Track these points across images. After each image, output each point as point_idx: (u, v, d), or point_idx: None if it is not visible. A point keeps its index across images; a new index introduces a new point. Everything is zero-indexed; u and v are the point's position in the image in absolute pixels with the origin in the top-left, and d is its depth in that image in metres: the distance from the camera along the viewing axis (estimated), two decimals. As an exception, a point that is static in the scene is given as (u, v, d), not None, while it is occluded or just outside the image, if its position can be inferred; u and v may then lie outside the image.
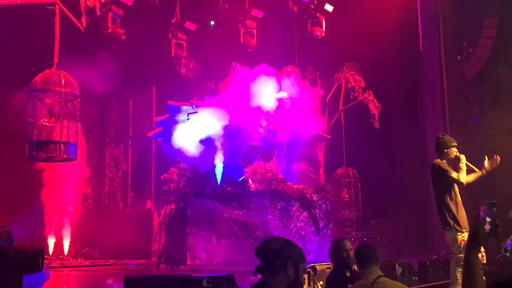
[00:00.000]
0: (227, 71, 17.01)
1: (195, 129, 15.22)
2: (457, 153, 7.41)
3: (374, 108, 18.19)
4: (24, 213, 15.71)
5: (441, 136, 7.78)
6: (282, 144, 16.58)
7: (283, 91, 16.52)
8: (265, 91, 16.09)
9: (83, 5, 14.36)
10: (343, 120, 18.74)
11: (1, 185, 16.54)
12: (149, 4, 16.34)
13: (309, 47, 18.13)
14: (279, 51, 17.14)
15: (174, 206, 14.78)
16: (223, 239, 13.63)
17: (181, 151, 15.23)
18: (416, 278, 10.11)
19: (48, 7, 12.07)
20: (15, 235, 4.84)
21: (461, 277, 7.01)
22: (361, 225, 17.63)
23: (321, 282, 5.84)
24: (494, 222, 2.53)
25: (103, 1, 15.03)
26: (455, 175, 7.25)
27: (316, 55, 18.28)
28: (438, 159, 7.46)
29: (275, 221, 13.48)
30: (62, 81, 11.46)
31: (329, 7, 16.73)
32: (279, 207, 13.69)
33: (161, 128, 16.37)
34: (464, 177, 7.23)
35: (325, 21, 16.77)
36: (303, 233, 13.91)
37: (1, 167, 16.46)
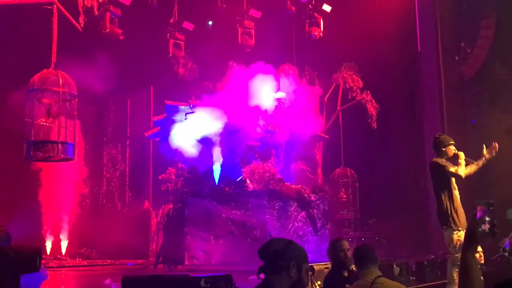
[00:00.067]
0: (225, 71, 17.01)
1: (192, 129, 15.21)
2: (456, 151, 7.43)
3: (372, 108, 18.20)
4: (22, 213, 15.71)
5: (438, 135, 7.82)
6: (280, 144, 16.58)
7: (281, 90, 16.51)
8: (263, 90, 16.08)
9: (81, 4, 14.35)
10: (341, 120, 18.75)
11: (-1, 185, 16.54)
12: (147, 4, 16.31)
13: (307, 47, 18.13)
14: (277, 51, 17.13)
15: (172, 206, 14.76)
16: (221, 239, 13.62)
17: (178, 151, 15.22)
18: (413, 278, 10.12)
19: (46, 7, 12.04)
20: (12, 234, 4.83)
21: (457, 277, 7.03)
22: (359, 225, 17.65)
23: (319, 282, 5.85)
24: (491, 222, 2.53)
25: (101, 1, 15.01)
26: (453, 169, 7.27)
27: (314, 55, 18.29)
28: (436, 158, 7.50)
29: (273, 221, 13.47)
30: (60, 81, 11.43)
31: (327, 7, 16.72)
32: (277, 207, 13.68)
33: (159, 127, 16.35)
34: (462, 171, 7.24)
35: (323, 21, 16.75)
36: (301, 233, 13.90)
37: (-1, 167, 16.45)
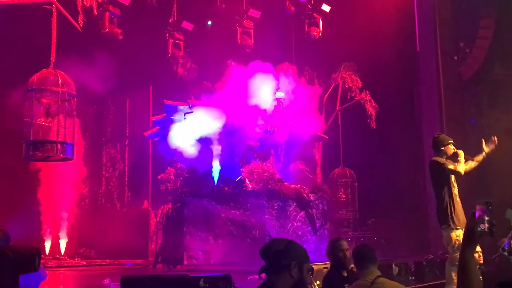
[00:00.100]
0: (224, 71, 16.98)
1: (191, 128, 15.20)
2: (455, 150, 7.44)
3: (371, 108, 18.20)
4: (21, 213, 15.69)
5: (437, 135, 7.84)
6: (280, 144, 16.55)
7: (280, 89, 16.46)
8: (262, 89, 16.03)
9: (80, 4, 14.35)
10: (340, 120, 18.76)
11: (-3, 184, 16.53)
12: (146, 4, 16.31)
13: (306, 47, 18.13)
14: (276, 51, 17.11)
15: (171, 206, 14.75)
16: (220, 239, 13.61)
17: (177, 151, 15.21)
18: (412, 278, 10.13)
19: (45, 7, 12.04)
20: (11, 234, 4.83)
21: (456, 277, 7.04)
22: (357, 225, 17.66)
23: (318, 282, 5.84)
24: (490, 221, 2.53)
25: (100, 0, 15.01)
26: (452, 166, 7.27)
27: (313, 55, 18.28)
28: (436, 157, 7.51)
29: (272, 221, 13.46)
30: (59, 81, 11.43)
31: (326, 7, 16.72)
32: (276, 207, 13.67)
33: (158, 127, 16.33)
34: (462, 168, 7.24)
35: (322, 21, 16.75)
36: (300, 233, 13.90)
37: (-2, 166, 16.44)
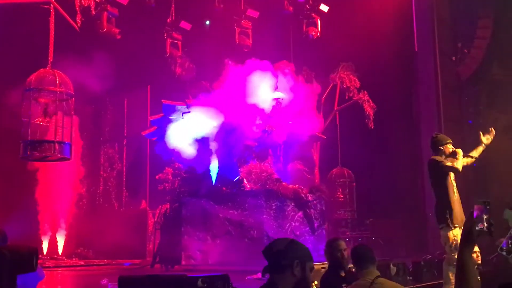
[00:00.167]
0: (222, 70, 16.97)
1: (189, 128, 15.18)
2: (453, 149, 7.46)
3: (369, 108, 18.20)
4: (18, 213, 15.67)
5: (435, 135, 7.87)
6: (279, 144, 16.52)
7: (278, 87, 16.42)
8: (261, 88, 15.99)
9: (78, 4, 14.34)
10: (338, 120, 18.75)
11: (-5, 184, 16.50)
12: (144, 3, 16.30)
13: (305, 47, 18.12)
14: (274, 51, 17.09)
15: (169, 206, 14.74)
16: (218, 239, 13.60)
17: (175, 150, 15.20)
18: (410, 278, 10.14)
19: (43, 6, 12.03)
20: (9, 234, 4.81)
21: (453, 277, 7.04)
22: (356, 225, 17.66)
23: (316, 282, 5.85)
24: (488, 220, 2.53)
25: (98, 0, 15.00)
26: (450, 163, 7.28)
27: (311, 55, 18.28)
28: (434, 156, 7.53)
29: (270, 221, 13.46)
30: (56, 81, 11.42)
31: (324, 7, 16.73)
32: (274, 207, 13.67)
33: (155, 127, 16.32)
34: (460, 164, 7.25)
35: (320, 21, 16.76)
36: (298, 233, 13.89)
37: (-5, 166, 16.41)
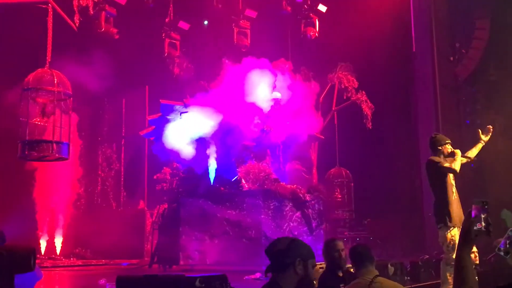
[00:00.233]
0: (220, 70, 16.97)
1: (187, 128, 15.17)
2: (452, 149, 7.48)
3: (367, 108, 18.22)
4: (16, 213, 15.65)
5: (434, 135, 7.90)
6: (277, 143, 16.51)
7: (276, 86, 16.38)
8: (259, 86, 15.95)
9: (76, 4, 14.34)
10: (336, 120, 18.76)
11: (-7, 184, 16.49)
12: (142, 3, 16.30)
13: (303, 47, 18.13)
14: (272, 51, 17.10)
15: (167, 206, 14.73)
16: (216, 239, 13.60)
17: (173, 150, 15.19)
18: (408, 278, 10.15)
19: (40, 6, 12.02)
20: (7, 234, 4.82)
21: (451, 277, 7.06)
22: (354, 225, 17.66)
23: (314, 282, 5.87)
24: (486, 220, 2.54)
25: (96, 0, 15.00)
26: (447, 164, 7.31)
27: (309, 55, 18.29)
28: (432, 156, 7.55)
29: (268, 221, 13.46)
30: (54, 80, 11.39)
31: (322, 8, 16.74)
32: (272, 207, 13.66)
33: (153, 127, 16.31)
34: (457, 165, 7.28)
35: (318, 21, 16.78)
36: (296, 233, 13.88)
37: (-7, 166, 16.39)
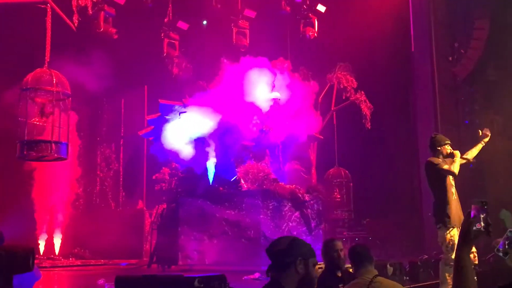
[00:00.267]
0: (219, 70, 16.95)
1: (186, 128, 15.16)
2: (451, 150, 7.48)
3: (366, 108, 18.22)
4: (15, 213, 15.64)
5: (434, 135, 7.90)
6: (276, 143, 16.49)
7: (275, 85, 16.34)
8: (258, 85, 15.92)
9: (75, 4, 14.33)
10: (335, 120, 18.76)
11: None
12: (141, 3, 16.29)
13: (302, 47, 18.12)
14: (271, 51, 17.10)
15: (165, 206, 14.73)
16: (215, 239, 13.60)
17: (172, 150, 15.17)
18: (407, 278, 10.15)
19: (39, 6, 12.01)
20: (6, 234, 4.81)
21: (450, 277, 7.07)
22: (352, 225, 17.67)
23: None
24: (485, 220, 2.54)
25: (95, 0, 14.99)
26: (446, 166, 7.32)
27: (308, 55, 18.28)
28: (431, 157, 7.55)
29: (267, 221, 13.46)
30: (53, 80, 11.39)
31: (321, 8, 16.74)
32: (271, 207, 13.66)
33: (152, 126, 16.30)
34: (456, 168, 7.29)
35: (317, 21, 16.77)
36: (295, 233, 13.86)
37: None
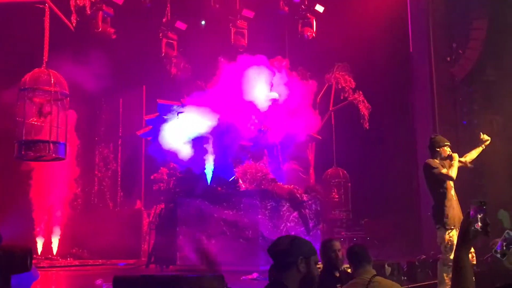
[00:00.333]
0: (217, 70, 16.93)
1: (184, 128, 15.15)
2: (450, 152, 7.48)
3: (364, 108, 18.22)
4: (13, 213, 15.62)
5: (434, 136, 7.89)
6: (275, 143, 16.47)
7: (274, 84, 16.31)
8: (256, 83, 15.89)
9: (73, 4, 14.31)
10: (333, 120, 18.77)
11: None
12: (139, 3, 16.27)
13: (300, 47, 18.11)
14: (270, 51, 17.09)
15: (164, 206, 14.72)
16: (213, 239, 13.59)
17: (170, 150, 15.15)
18: (405, 278, 10.16)
19: (37, 6, 11.99)
20: (3, 234, 4.79)
21: (448, 277, 7.08)
22: (351, 225, 17.68)
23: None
24: (484, 220, 2.54)
25: (93, 0, 14.97)
26: (444, 171, 7.32)
27: (306, 55, 18.27)
28: (430, 159, 7.55)
29: (265, 221, 13.45)
30: (51, 80, 11.38)
31: (319, 8, 16.74)
32: (269, 207, 13.66)
33: (150, 126, 16.28)
34: (454, 172, 7.30)
35: (315, 21, 16.77)
36: (293, 233, 13.86)
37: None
